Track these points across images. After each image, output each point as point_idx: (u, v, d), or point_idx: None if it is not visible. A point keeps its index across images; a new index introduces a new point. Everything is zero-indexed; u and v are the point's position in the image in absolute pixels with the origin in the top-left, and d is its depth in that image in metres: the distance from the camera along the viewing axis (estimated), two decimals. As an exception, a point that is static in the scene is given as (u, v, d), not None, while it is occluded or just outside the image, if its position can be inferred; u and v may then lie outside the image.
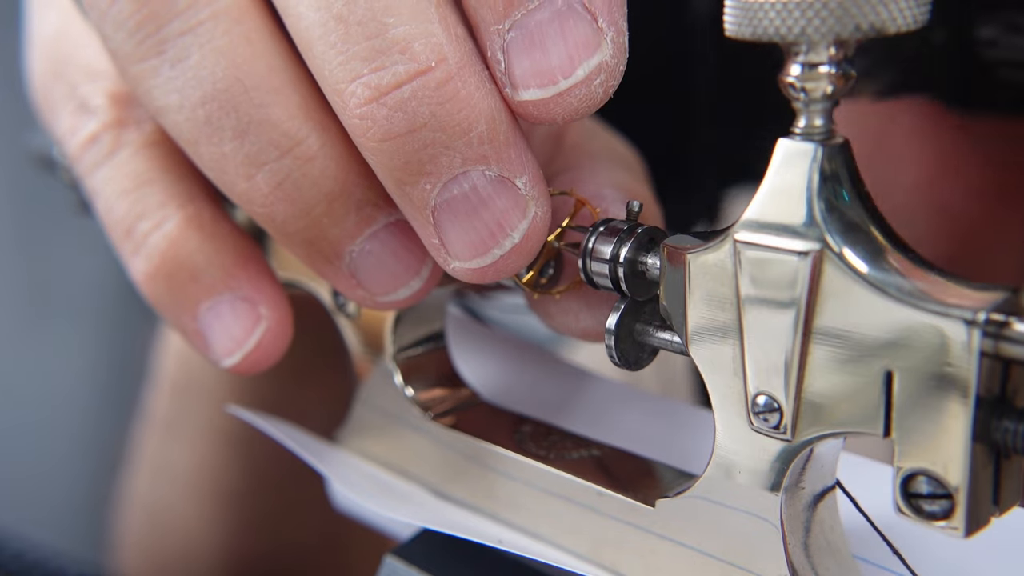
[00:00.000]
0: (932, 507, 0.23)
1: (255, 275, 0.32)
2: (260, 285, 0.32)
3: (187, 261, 0.32)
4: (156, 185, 0.33)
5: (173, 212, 0.32)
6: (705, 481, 0.27)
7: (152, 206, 0.32)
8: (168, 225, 0.32)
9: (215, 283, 0.32)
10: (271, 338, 0.32)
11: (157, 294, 0.33)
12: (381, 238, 0.29)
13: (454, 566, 0.31)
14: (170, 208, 0.32)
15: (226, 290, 0.32)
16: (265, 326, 0.32)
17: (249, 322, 0.32)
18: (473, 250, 0.27)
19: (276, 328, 0.32)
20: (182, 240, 0.32)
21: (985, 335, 0.21)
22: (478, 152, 0.26)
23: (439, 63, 0.26)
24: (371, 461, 0.36)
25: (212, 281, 0.32)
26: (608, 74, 0.26)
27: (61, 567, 0.55)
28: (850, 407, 0.24)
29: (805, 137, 0.24)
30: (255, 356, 0.32)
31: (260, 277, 0.32)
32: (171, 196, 0.33)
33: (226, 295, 0.32)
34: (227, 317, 0.32)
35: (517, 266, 0.28)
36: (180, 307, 0.32)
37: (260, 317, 0.32)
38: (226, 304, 0.32)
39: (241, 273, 0.32)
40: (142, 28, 0.29)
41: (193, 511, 0.56)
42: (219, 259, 0.32)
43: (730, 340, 0.25)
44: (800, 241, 0.23)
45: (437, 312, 0.35)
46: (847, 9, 0.22)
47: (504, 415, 0.34)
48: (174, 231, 0.32)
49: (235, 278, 0.32)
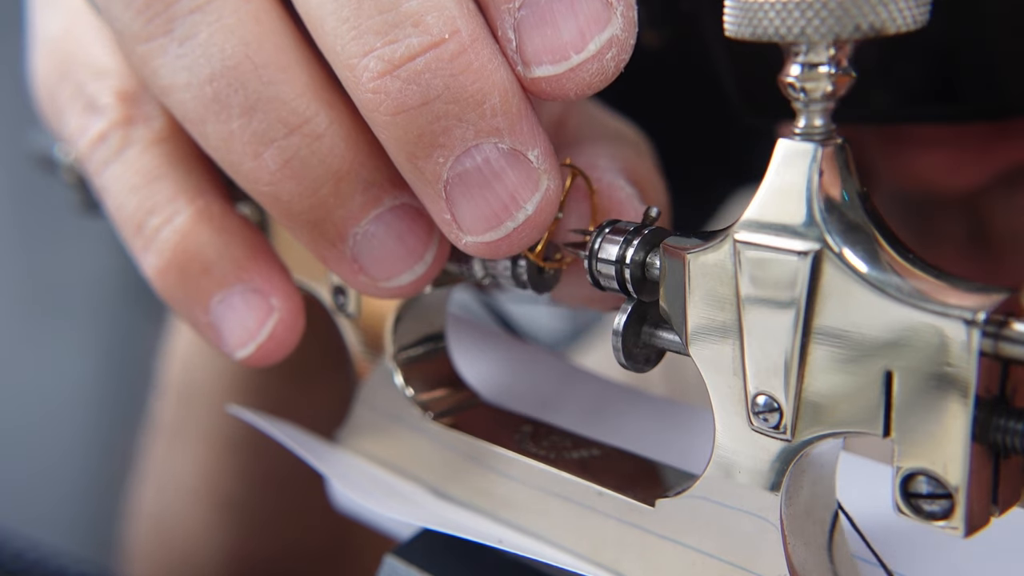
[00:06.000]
0: (932, 507, 0.23)
1: (266, 267, 0.32)
2: (271, 277, 0.32)
3: (198, 254, 0.32)
4: (166, 180, 0.33)
5: (183, 206, 0.32)
6: (705, 481, 0.27)
7: (162, 201, 0.33)
8: (179, 219, 0.32)
9: (226, 275, 0.32)
10: (283, 329, 0.32)
11: (169, 288, 0.33)
12: (386, 220, 0.29)
13: (454, 566, 0.31)
14: (180, 202, 0.33)
15: (237, 282, 0.32)
16: (277, 317, 0.32)
17: (261, 313, 0.32)
18: (486, 224, 0.27)
19: (288, 319, 0.32)
20: (193, 234, 0.32)
21: (985, 335, 0.21)
22: (491, 124, 0.26)
23: (452, 35, 0.26)
24: (371, 461, 0.36)
25: (223, 273, 0.32)
26: (619, 48, 0.26)
27: (61, 567, 0.55)
28: (850, 407, 0.24)
29: (805, 137, 0.24)
30: (268, 347, 0.32)
31: (271, 269, 0.32)
32: (181, 191, 0.33)
33: (237, 287, 0.32)
34: (239, 309, 0.32)
35: (530, 239, 0.28)
36: (192, 300, 0.33)
37: (272, 308, 0.32)
38: (238, 296, 0.32)
39: (252, 265, 0.32)
40: (150, 7, 0.29)
41: (197, 517, 0.56)
42: (230, 252, 0.32)
43: (730, 340, 0.25)
44: (800, 241, 0.23)
45: (437, 312, 0.35)
46: (847, 9, 0.22)
47: (504, 415, 0.34)
48: (185, 225, 0.32)
49: (246, 270, 0.32)
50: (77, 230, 1.07)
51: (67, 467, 1.19)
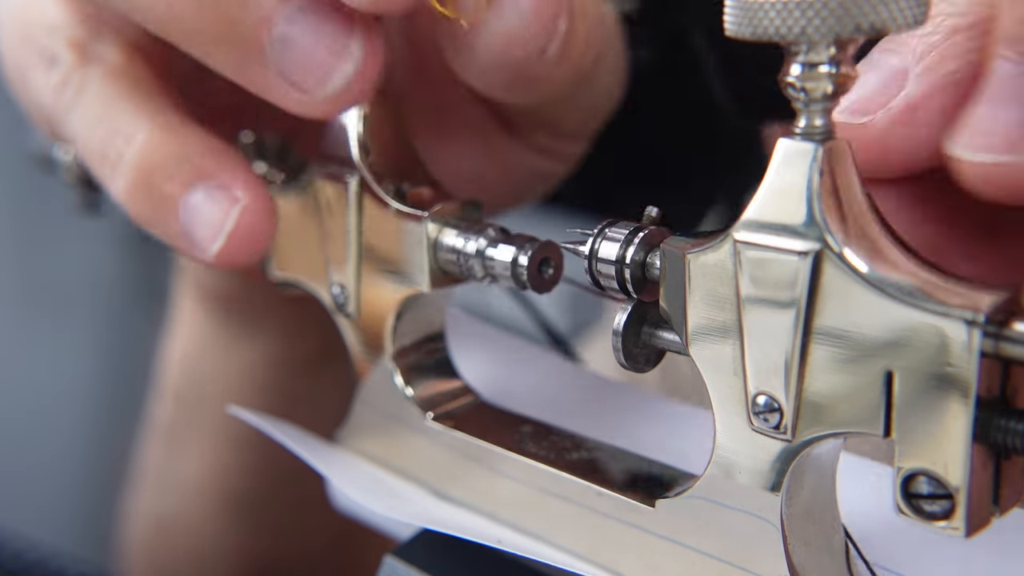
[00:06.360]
0: (932, 507, 0.23)
1: (228, 164, 0.33)
2: (234, 172, 0.33)
3: (161, 163, 0.33)
4: (124, 105, 0.34)
5: (143, 125, 0.34)
6: (705, 481, 0.27)
7: (123, 123, 0.34)
8: (140, 136, 0.34)
9: (189, 177, 0.33)
10: (249, 217, 0.33)
11: (140, 206, 0.34)
12: (298, 21, 0.30)
13: (454, 566, 0.31)
14: (140, 122, 0.34)
15: (199, 181, 0.33)
16: (241, 205, 0.33)
17: (226, 204, 0.33)
18: None
19: (253, 206, 0.33)
20: (153, 145, 0.33)
21: (985, 335, 0.21)
22: None
23: None
24: (371, 461, 0.36)
25: (185, 176, 0.33)
26: None
27: (61, 567, 0.55)
28: (850, 407, 0.24)
29: (805, 137, 0.24)
30: (237, 237, 0.33)
31: (233, 166, 0.33)
32: (140, 111, 0.34)
33: (200, 186, 0.33)
34: (205, 206, 0.33)
35: None
36: (162, 211, 0.33)
37: (235, 199, 0.33)
38: (202, 194, 0.33)
39: (212, 164, 0.33)
40: None
41: (201, 517, 0.56)
42: (190, 157, 0.33)
43: (730, 340, 0.25)
44: (800, 241, 0.23)
45: (437, 312, 0.35)
46: (847, 9, 0.22)
47: (504, 415, 0.34)
48: (146, 140, 0.34)
49: (208, 169, 0.33)
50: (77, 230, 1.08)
51: (67, 467, 1.19)
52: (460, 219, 0.32)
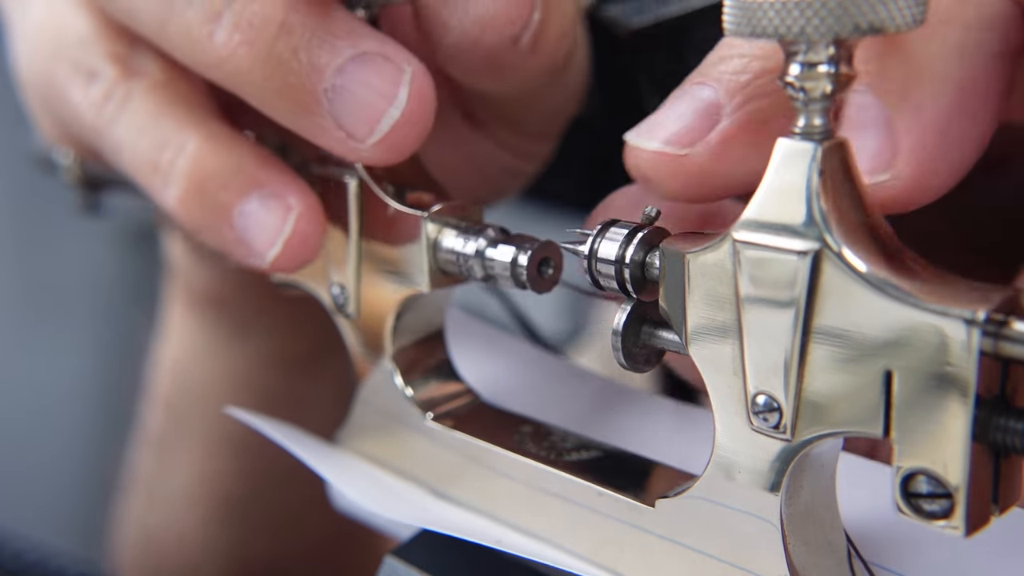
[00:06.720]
0: (932, 506, 0.23)
1: (277, 174, 0.35)
2: (284, 180, 0.34)
3: (214, 173, 0.34)
4: (171, 116, 0.35)
5: (192, 134, 0.35)
6: (705, 481, 0.27)
7: (171, 133, 0.35)
8: (190, 146, 0.35)
9: (243, 186, 0.34)
10: (304, 223, 0.34)
11: (193, 214, 0.35)
12: (350, 71, 0.31)
13: (454, 566, 0.31)
14: (188, 131, 0.35)
15: (254, 190, 0.34)
16: (296, 212, 0.34)
17: (282, 211, 0.34)
18: None
19: (307, 214, 0.34)
20: (206, 155, 0.34)
21: (985, 335, 0.21)
22: None
23: None
24: (371, 462, 0.36)
25: (240, 185, 0.34)
26: None
27: (61, 567, 0.55)
28: (850, 407, 0.24)
29: (804, 137, 0.24)
30: (294, 242, 0.34)
31: (283, 174, 0.35)
32: (187, 122, 0.35)
33: (255, 195, 0.34)
34: (260, 214, 0.34)
35: None
36: (217, 219, 0.35)
37: (290, 207, 0.34)
38: (256, 203, 0.34)
39: (264, 174, 0.34)
40: None
41: (193, 525, 0.56)
42: (242, 165, 0.34)
43: (730, 340, 0.25)
44: (800, 241, 0.23)
45: (437, 312, 0.35)
46: (846, 9, 0.22)
47: (504, 416, 0.34)
48: (196, 149, 0.35)
49: (260, 178, 0.34)
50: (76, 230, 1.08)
51: (67, 467, 1.19)
52: (459, 219, 0.32)
